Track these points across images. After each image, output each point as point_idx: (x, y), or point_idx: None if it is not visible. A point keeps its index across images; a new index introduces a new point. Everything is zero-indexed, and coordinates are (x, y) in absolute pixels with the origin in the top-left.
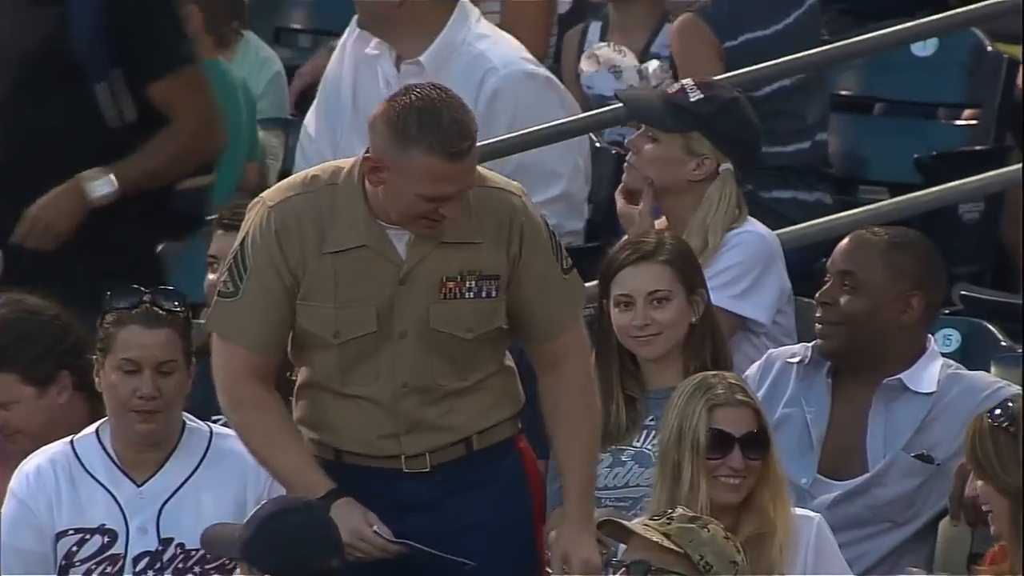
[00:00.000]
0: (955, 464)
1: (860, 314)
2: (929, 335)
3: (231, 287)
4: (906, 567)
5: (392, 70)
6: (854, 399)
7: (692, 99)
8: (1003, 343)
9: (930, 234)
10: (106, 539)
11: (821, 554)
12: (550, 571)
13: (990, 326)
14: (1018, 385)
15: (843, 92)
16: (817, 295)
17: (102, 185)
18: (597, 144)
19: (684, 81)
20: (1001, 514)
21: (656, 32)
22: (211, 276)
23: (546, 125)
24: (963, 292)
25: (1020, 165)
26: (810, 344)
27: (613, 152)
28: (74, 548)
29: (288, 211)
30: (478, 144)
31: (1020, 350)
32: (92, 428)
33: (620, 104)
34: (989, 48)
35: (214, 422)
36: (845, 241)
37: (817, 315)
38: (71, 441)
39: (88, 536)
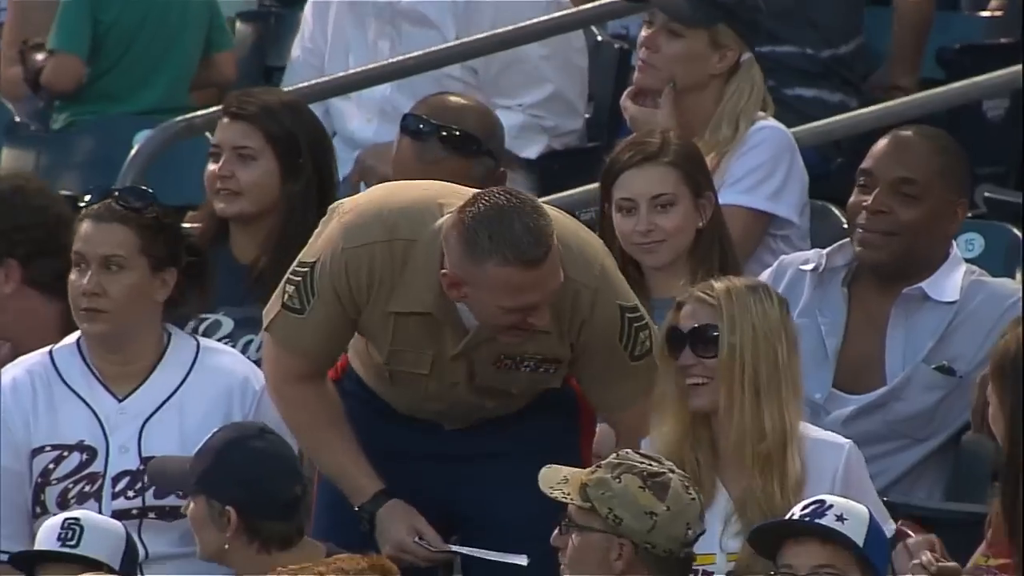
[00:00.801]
0: (977, 376)
1: (918, 224)
2: (951, 240)
3: (297, 303)
4: (925, 487)
5: None
6: (872, 309)
7: None
8: None
9: (953, 132)
10: (84, 456)
11: (849, 488)
12: None
13: (1015, 230)
14: None
15: None
16: (868, 202)
17: None
18: (599, 38)
19: None
20: None
21: None
22: (212, 166)
23: (546, 18)
24: (987, 194)
25: None
26: (824, 251)
27: (616, 47)
28: (51, 465)
29: (362, 261)
30: (466, 40)
31: None
32: (72, 338)
33: None
34: None
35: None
36: (886, 144)
37: (863, 223)
38: (50, 351)
39: (66, 453)
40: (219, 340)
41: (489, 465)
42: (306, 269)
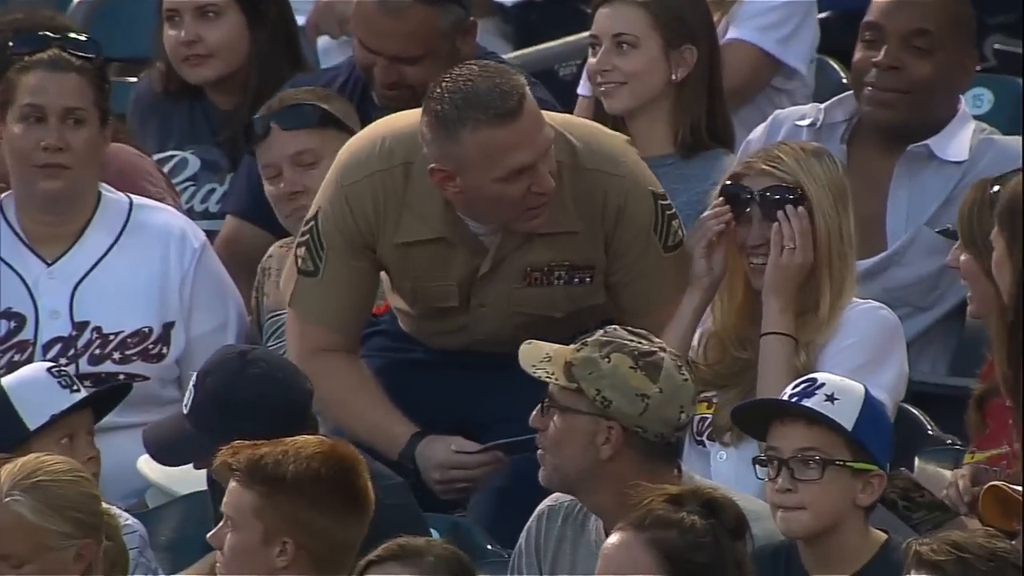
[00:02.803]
0: None
1: (932, 79)
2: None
3: (310, 265)
4: (928, 359)
5: None
6: (874, 168)
7: None
8: None
9: None
10: (12, 324)
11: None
12: None
13: None
14: None
15: None
16: (879, 58)
17: None
18: None
19: None
20: (984, 297)
21: None
22: (171, 31)
23: None
24: (996, 46)
25: None
26: (822, 106)
27: None
28: None
29: (364, 193)
30: None
31: None
32: None
33: None
34: None
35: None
36: None
37: (873, 81)
38: None
39: None
40: (183, 181)
41: (512, 372)
42: (311, 224)
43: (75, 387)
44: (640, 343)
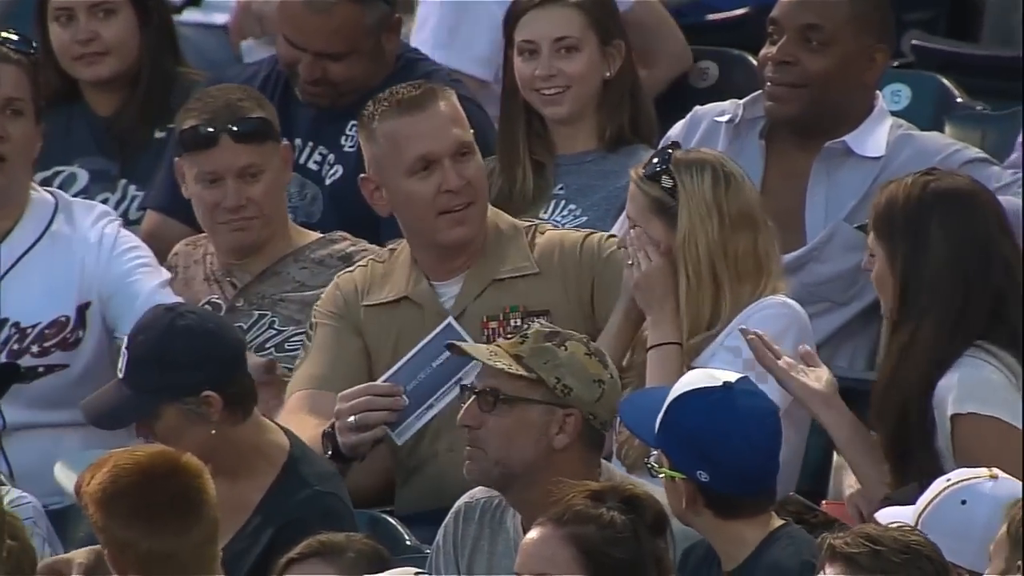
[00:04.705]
0: None
1: (828, 74)
2: (877, 91)
3: (303, 353)
4: (846, 355)
5: None
6: (792, 164)
7: None
8: (959, 99)
9: None
10: None
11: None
12: None
13: (944, 80)
14: (976, 148)
15: None
16: (773, 52)
17: None
18: None
19: None
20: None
21: None
22: (62, 30)
23: None
24: (914, 42)
25: None
26: (740, 102)
27: None
28: None
29: (352, 277)
30: None
31: (979, 107)
32: None
33: None
34: None
35: None
36: None
37: (771, 75)
38: None
39: None
40: (74, 195)
41: None
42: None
43: None
44: (571, 332)
